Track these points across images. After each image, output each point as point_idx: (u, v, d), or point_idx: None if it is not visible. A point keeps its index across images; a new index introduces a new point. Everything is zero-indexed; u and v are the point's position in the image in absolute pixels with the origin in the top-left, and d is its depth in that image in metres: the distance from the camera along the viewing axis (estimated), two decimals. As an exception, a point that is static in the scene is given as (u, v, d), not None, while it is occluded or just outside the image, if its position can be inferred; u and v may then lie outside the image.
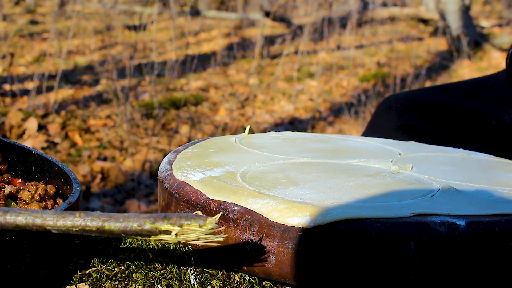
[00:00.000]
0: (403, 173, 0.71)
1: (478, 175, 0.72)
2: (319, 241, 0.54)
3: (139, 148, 3.39)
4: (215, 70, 5.31)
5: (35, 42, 5.87)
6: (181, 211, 0.63)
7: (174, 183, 0.65)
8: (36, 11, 7.61)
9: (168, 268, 0.59)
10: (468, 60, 5.62)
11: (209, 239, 0.50)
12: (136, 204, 2.70)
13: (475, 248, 0.54)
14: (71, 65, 5.14)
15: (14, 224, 0.50)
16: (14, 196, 0.63)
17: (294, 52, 5.66)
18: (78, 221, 0.50)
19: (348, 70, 5.33)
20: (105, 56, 5.11)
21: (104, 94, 4.29)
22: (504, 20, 7.68)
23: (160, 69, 4.78)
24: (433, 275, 0.53)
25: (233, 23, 7.21)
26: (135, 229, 0.50)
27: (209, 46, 6.17)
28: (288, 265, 0.55)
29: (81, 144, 3.35)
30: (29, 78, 4.54)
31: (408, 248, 0.53)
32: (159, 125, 3.74)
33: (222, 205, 0.58)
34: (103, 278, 0.58)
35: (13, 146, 0.71)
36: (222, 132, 3.67)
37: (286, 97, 4.55)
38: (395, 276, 0.53)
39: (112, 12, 5.79)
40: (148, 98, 4.18)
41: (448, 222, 0.53)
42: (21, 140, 3.26)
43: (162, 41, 5.90)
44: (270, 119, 4.05)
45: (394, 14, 7.43)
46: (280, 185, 0.63)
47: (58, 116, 3.58)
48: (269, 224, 0.55)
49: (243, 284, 0.59)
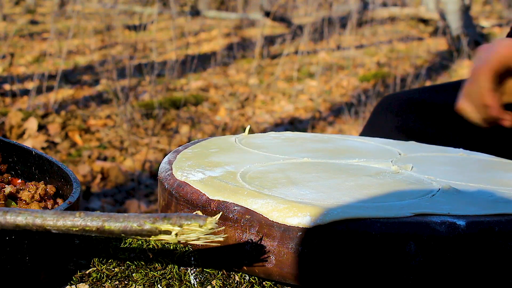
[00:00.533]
0: (403, 173, 0.71)
1: (478, 175, 0.72)
2: (319, 241, 0.54)
3: (139, 148, 3.39)
4: (215, 70, 5.31)
5: (35, 42, 5.87)
6: (181, 211, 0.63)
7: (174, 183, 0.65)
8: (36, 11, 7.62)
9: (168, 268, 0.59)
10: (468, 60, 5.62)
11: (209, 239, 0.50)
12: (136, 204, 2.70)
13: (475, 248, 0.54)
14: (71, 65, 5.14)
15: (14, 224, 0.50)
16: (14, 196, 0.63)
17: (294, 52, 5.66)
18: (78, 221, 0.50)
19: (348, 70, 5.33)
20: (105, 56, 5.12)
21: (104, 94, 4.29)
22: (504, 20, 7.68)
23: (160, 69, 4.78)
24: (433, 275, 0.53)
25: (233, 23, 7.22)
26: (135, 229, 0.50)
27: (209, 46, 6.17)
28: (288, 265, 0.55)
29: (81, 144, 3.35)
30: (29, 78, 4.54)
31: (408, 248, 0.53)
32: (159, 125, 3.74)
33: (222, 205, 0.58)
34: (103, 278, 0.58)
35: (13, 146, 0.71)
36: (222, 132, 3.67)
37: (286, 97, 4.55)
38: (395, 276, 0.53)
39: (112, 12, 5.79)
40: (148, 98, 4.18)
41: (448, 222, 0.53)
42: (21, 140, 3.26)
43: (162, 41, 5.90)
44: (270, 119, 4.05)
45: (394, 14, 7.43)
46: (280, 185, 0.63)
47: (58, 116, 3.58)
48: (269, 224, 0.55)
49: (243, 284, 0.59)
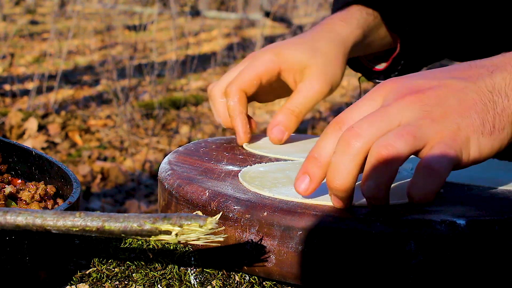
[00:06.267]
0: (402, 173, 0.71)
1: (478, 175, 0.72)
2: (319, 240, 0.54)
3: (139, 148, 3.39)
4: (215, 70, 5.31)
5: (35, 42, 5.88)
6: (181, 211, 0.63)
7: (174, 183, 0.65)
8: (36, 11, 7.62)
9: (168, 268, 0.59)
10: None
11: (209, 239, 0.50)
12: (136, 204, 2.70)
13: (475, 247, 0.54)
14: (71, 65, 5.14)
15: (14, 224, 0.50)
16: (14, 196, 0.63)
17: (294, 52, 5.63)
18: (78, 221, 0.50)
19: (348, 70, 5.32)
20: (105, 56, 5.12)
21: (104, 94, 4.29)
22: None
23: (160, 69, 4.78)
24: (433, 274, 0.53)
25: (233, 23, 7.22)
26: (135, 229, 0.50)
27: (209, 46, 6.17)
28: (288, 265, 0.55)
29: (81, 144, 3.35)
30: (29, 78, 4.54)
31: (409, 247, 0.53)
32: (159, 125, 3.74)
33: (222, 205, 0.58)
34: (103, 278, 0.58)
35: (13, 146, 0.71)
36: (222, 132, 3.67)
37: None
38: (396, 275, 0.53)
39: (112, 12, 5.79)
40: (148, 98, 4.18)
41: (448, 221, 0.53)
42: (21, 140, 3.26)
43: (162, 41, 5.90)
44: (270, 119, 4.05)
45: (394, 14, 7.41)
46: (280, 184, 0.63)
47: (58, 116, 3.59)
48: (269, 223, 0.55)
49: (243, 284, 0.59)
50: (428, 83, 0.56)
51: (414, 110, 0.54)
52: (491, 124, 0.55)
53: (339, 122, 0.57)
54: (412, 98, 0.55)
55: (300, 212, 0.55)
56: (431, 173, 0.53)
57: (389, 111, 0.54)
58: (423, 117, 0.54)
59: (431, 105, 0.54)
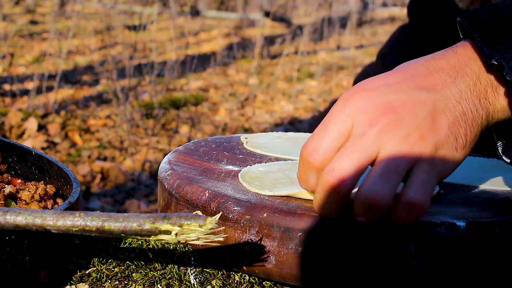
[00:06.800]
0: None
1: (478, 175, 0.72)
2: (319, 241, 0.54)
3: (139, 148, 3.39)
4: (215, 70, 5.31)
5: (35, 42, 5.88)
6: (181, 211, 0.63)
7: (174, 183, 0.64)
8: (36, 11, 7.62)
9: (168, 268, 0.59)
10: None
11: (209, 239, 0.50)
12: (136, 204, 2.70)
13: (475, 249, 0.54)
14: (71, 65, 5.14)
15: (14, 224, 0.50)
16: (14, 196, 0.63)
17: (294, 52, 5.66)
18: (78, 221, 0.50)
19: (348, 70, 5.33)
20: (105, 56, 5.12)
21: (104, 94, 4.29)
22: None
23: (160, 69, 4.78)
24: (433, 275, 0.53)
25: (233, 23, 7.22)
26: (135, 229, 0.50)
27: (209, 46, 6.17)
28: (288, 266, 0.55)
29: (81, 144, 3.35)
30: (29, 78, 4.54)
31: (409, 249, 0.53)
32: (159, 125, 3.74)
33: (222, 205, 0.58)
34: (103, 278, 0.58)
35: (13, 146, 0.71)
36: (222, 132, 3.67)
37: (286, 97, 4.55)
38: (396, 276, 0.53)
39: (112, 12, 5.79)
40: (148, 98, 4.18)
41: (448, 223, 0.53)
42: (21, 140, 3.26)
43: (162, 41, 5.90)
44: (270, 119, 4.05)
45: (394, 14, 7.44)
46: (281, 185, 0.63)
47: (58, 116, 3.59)
48: (269, 224, 0.55)
49: (243, 284, 0.59)
50: (398, 99, 0.54)
51: (393, 137, 0.53)
52: (464, 138, 0.55)
53: (312, 153, 0.55)
54: (387, 122, 0.53)
55: (300, 214, 0.55)
56: (413, 207, 0.52)
57: (367, 142, 0.53)
58: (402, 143, 0.52)
59: (407, 127, 0.53)
